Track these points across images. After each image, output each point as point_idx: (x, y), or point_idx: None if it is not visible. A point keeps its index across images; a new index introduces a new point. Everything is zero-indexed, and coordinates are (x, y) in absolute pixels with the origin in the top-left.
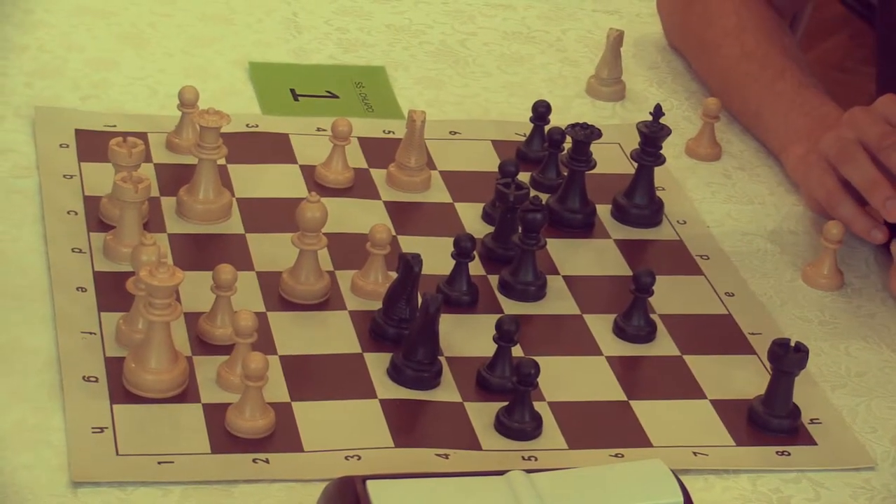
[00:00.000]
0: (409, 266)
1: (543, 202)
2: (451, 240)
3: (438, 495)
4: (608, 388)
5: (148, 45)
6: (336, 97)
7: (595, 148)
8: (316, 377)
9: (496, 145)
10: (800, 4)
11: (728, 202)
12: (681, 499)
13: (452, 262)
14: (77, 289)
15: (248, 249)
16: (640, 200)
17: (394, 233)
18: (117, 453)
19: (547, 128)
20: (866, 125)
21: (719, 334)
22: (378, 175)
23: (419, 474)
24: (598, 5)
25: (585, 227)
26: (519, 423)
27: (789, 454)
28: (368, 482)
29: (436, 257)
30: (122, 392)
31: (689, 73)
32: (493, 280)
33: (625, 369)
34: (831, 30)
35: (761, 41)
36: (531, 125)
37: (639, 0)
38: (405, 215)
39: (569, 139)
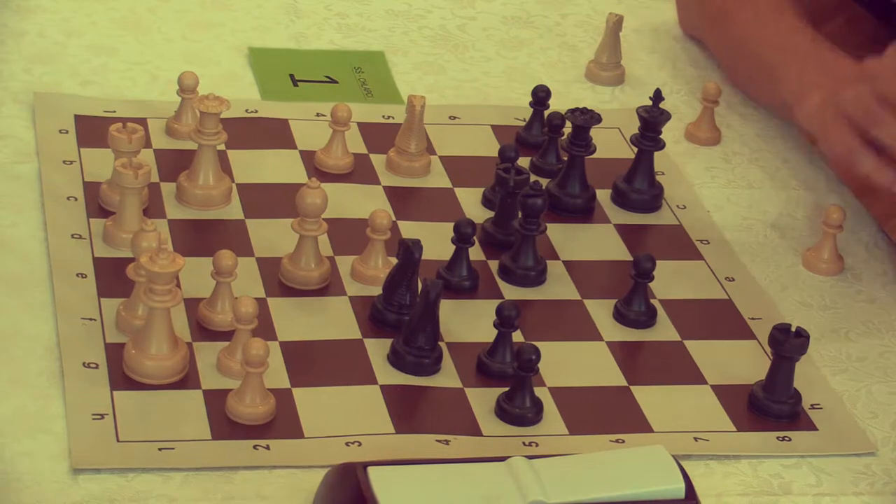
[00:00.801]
0: (409, 252)
1: (543, 187)
2: (451, 225)
3: (440, 481)
4: (609, 374)
5: (147, 31)
6: (335, 82)
7: (594, 133)
8: (316, 363)
9: (496, 130)
10: None
11: (728, 187)
12: (682, 485)
13: (452, 248)
14: (77, 275)
15: (247, 235)
16: (640, 185)
17: (393, 218)
18: (118, 440)
19: (546, 112)
20: (886, 78)
21: (720, 319)
22: (378, 160)
23: (420, 460)
24: None
25: (585, 212)
26: (520, 409)
27: (790, 439)
28: (370, 468)
29: (436, 243)
30: (122, 378)
31: (688, 58)
32: (494, 265)
33: (625, 355)
34: (828, 15)
35: (775, 5)
36: (531, 110)
37: None
38: (405, 201)
39: (568, 124)
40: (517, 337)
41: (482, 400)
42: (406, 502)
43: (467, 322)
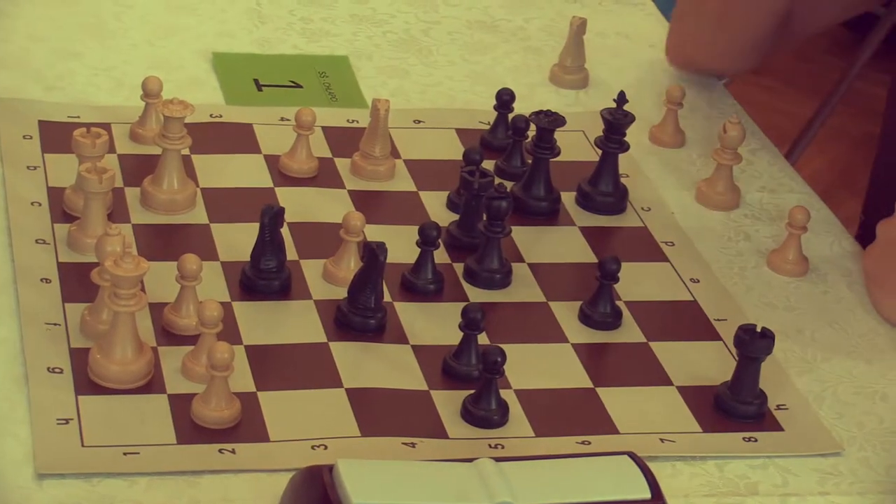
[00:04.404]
0: (374, 255)
1: (508, 190)
2: (416, 228)
3: (409, 475)
4: (574, 376)
5: (111, 36)
6: (300, 87)
7: (559, 135)
8: (281, 367)
9: (460, 133)
10: None
11: (692, 189)
12: (648, 494)
13: (417, 251)
14: (41, 280)
15: (212, 239)
16: (605, 187)
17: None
18: (82, 444)
19: (511, 116)
20: None
21: (685, 321)
22: (342, 164)
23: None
24: None
25: (550, 214)
26: (485, 411)
27: (756, 440)
28: (339, 461)
29: (401, 245)
30: (87, 383)
31: (651, 61)
32: (459, 268)
33: (591, 356)
34: None
35: None
36: (495, 113)
37: None
38: (370, 204)
39: (533, 127)
40: (483, 339)
41: (448, 402)
42: (375, 493)
43: (432, 324)
